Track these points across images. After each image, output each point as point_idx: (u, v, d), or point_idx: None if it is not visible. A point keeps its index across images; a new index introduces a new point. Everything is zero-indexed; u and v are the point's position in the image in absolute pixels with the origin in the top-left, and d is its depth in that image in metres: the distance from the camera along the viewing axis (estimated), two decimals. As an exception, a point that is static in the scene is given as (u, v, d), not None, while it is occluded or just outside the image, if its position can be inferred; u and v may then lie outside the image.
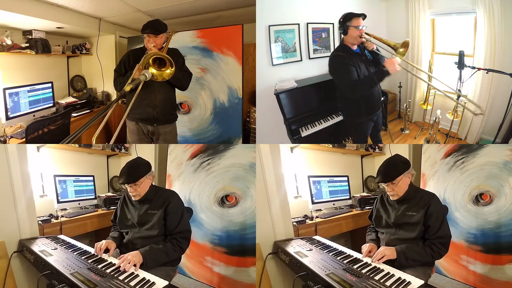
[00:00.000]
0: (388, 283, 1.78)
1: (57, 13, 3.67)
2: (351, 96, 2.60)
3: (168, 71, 2.32)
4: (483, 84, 3.17)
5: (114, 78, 2.82)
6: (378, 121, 2.95)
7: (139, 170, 2.16)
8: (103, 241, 2.17)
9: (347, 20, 2.51)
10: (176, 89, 2.87)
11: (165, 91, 2.78)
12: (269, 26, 3.12)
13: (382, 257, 1.97)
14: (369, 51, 2.60)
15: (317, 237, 2.53)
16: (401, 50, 2.49)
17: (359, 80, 2.51)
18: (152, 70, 2.28)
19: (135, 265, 1.92)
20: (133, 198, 2.21)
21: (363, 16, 2.52)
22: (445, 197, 2.63)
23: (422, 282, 1.79)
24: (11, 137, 3.26)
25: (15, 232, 2.30)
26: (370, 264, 1.99)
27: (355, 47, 2.60)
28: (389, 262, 1.97)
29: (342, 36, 2.62)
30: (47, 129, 3.09)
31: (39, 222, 2.55)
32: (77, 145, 3.28)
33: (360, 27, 2.49)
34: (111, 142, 2.01)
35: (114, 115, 4.72)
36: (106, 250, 2.14)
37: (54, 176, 3.02)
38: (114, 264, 1.95)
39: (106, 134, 4.69)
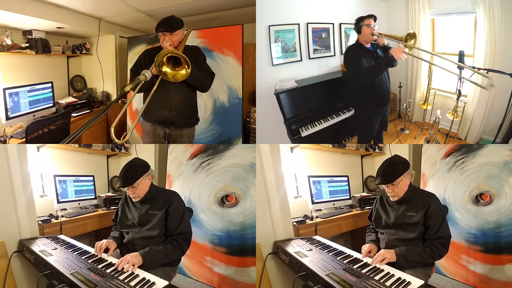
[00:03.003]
0: (388, 283, 1.78)
1: (57, 13, 3.67)
2: (361, 83, 2.84)
3: (183, 72, 2.20)
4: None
5: (130, 78, 2.76)
6: (385, 118, 3.12)
7: (135, 172, 2.13)
8: (104, 241, 2.17)
9: (360, 21, 2.82)
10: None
11: (183, 93, 2.60)
12: (269, 26, 3.12)
13: (382, 260, 1.97)
14: (380, 49, 2.84)
15: (317, 237, 2.53)
16: (411, 42, 2.77)
17: (368, 67, 2.78)
18: (166, 69, 2.21)
19: (133, 266, 1.91)
20: (133, 200, 2.21)
21: (373, 17, 2.82)
22: (445, 197, 2.62)
23: (422, 282, 1.79)
24: (11, 137, 3.27)
25: (15, 232, 2.30)
26: (370, 264, 1.99)
27: (368, 45, 2.86)
28: (389, 264, 1.97)
29: (357, 35, 2.91)
30: (47, 129, 3.09)
31: (39, 222, 2.55)
32: (77, 145, 3.28)
33: (372, 25, 2.78)
34: (127, 137, 1.93)
35: (114, 115, 4.72)
36: (106, 250, 2.14)
37: (54, 176, 3.02)
38: (114, 264, 1.95)
39: (106, 134, 4.70)
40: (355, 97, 3.09)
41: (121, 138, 1.96)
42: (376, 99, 2.94)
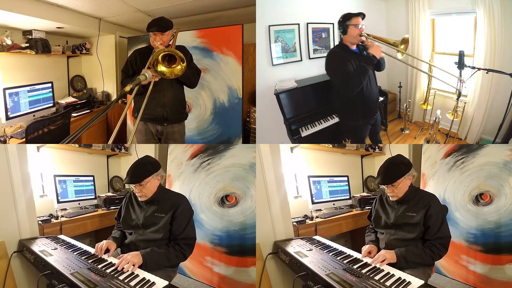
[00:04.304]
0: (388, 283, 1.78)
1: (57, 13, 3.67)
2: (346, 90, 2.58)
3: (179, 67, 2.26)
4: (483, 84, 3.17)
5: (122, 79, 2.78)
6: (376, 124, 2.94)
7: (144, 170, 2.09)
8: (104, 242, 2.15)
9: (346, 19, 2.52)
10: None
11: (174, 90, 2.75)
12: (269, 26, 3.12)
13: (383, 261, 1.96)
14: (366, 51, 2.58)
15: (317, 237, 2.53)
16: (401, 47, 2.55)
17: (354, 72, 2.52)
18: (162, 68, 2.25)
19: (133, 265, 1.91)
20: (139, 199, 2.16)
21: (362, 15, 2.52)
22: (445, 197, 2.62)
23: (422, 282, 1.79)
24: (11, 137, 3.27)
25: (15, 232, 2.30)
26: (370, 264, 1.99)
27: (353, 47, 2.61)
28: (389, 264, 1.97)
29: (342, 36, 2.62)
30: (47, 129, 3.09)
31: (39, 222, 2.55)
32: (77, 145, 3.28)
33: (360, 26, 2.50)
34: (110, 142, 1.97)
35: (115, 115, 4.73)
36: (107, 251, 2.13)
37: (54, 176, 3.02)
38: (114, 264, 1.95)
39: (106, 134, 4.70)
40: (342, 107, 2.87)
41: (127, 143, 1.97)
42: (364, 111, 2.73)
